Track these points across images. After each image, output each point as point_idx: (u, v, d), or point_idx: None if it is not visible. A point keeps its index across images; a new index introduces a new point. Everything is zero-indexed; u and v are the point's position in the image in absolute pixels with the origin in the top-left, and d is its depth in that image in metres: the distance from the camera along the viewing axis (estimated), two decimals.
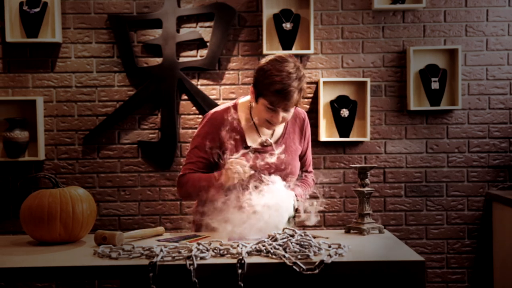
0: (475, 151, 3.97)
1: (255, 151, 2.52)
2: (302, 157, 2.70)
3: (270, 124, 2.48)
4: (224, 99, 3.91)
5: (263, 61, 2.48)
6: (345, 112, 3.87)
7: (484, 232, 3.96)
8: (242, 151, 2.47)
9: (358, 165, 2.40)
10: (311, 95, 3.94)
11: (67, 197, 2.24)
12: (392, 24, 3.94)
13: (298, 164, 2.64)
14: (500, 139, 3.97)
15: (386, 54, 3.95)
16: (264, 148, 2.55)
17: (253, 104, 2.51)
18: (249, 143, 2.54)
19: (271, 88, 2.38)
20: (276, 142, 2.58)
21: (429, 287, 3.97)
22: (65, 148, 3.93)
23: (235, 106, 2.58)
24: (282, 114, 2.44)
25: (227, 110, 2.56)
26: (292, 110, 2.48)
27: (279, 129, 2.61)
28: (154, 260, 1.89)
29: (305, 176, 2.76)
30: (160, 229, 2.42)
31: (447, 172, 3.97)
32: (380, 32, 3.95)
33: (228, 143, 2.49)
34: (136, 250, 2.02)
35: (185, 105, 3.93)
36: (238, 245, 2.01)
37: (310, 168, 2.79)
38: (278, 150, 2.52)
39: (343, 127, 3.89)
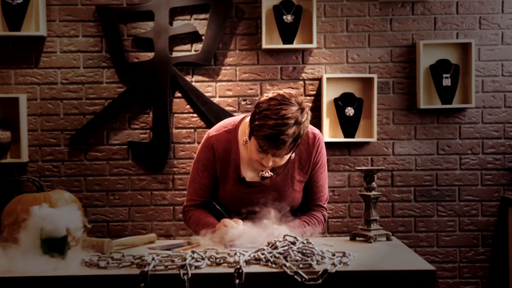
0: (490, 153, 3.97)
1: (249, 184, 2.47)
2: (308, 186, 2.55)
3: (261, 165, 2.38)
4: (220, 96, 3.91)
5: (264, 96, 2.33)
6: (350, 111, 3.88)
7: (500, 239, 3.97)
8: (234, 184, 2.46)
9: (364, 168, 2.40)
10: (313, 93, 3.94)
11: (52, 202, 2.24)
12: (401, 16, 3.95)
13: (299, 196, 2.53)
14: None
15: (394, 49, 3.95)
16: (260, 181, 2.48)
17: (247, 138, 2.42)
18: (244, 173, 2.48)
19: (262, 131, 2.25)
20: (277, 173, 2.48)
21: None
22: (50, 149, 3.93)
23: (235, 129, 2.49)
24: (273, 159, 2.33)
25: (226, 133, 2.49)
26: (286, 157, 2.37)
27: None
28: (146, 269, 1.89)
29: (311, 213, 2.57)
30: (152, 236, 2.43)
31: (460, 175, 3.98)
32: (387, 25, 3.95)
33: (224, 171, 2.47)
34: (126, 258, 2.02)
35: (179, 103, 3.94)
36: (235, 254, 2.01)
37: (323, 202, 2.59)
38: (273, 184, 2.45)
39: (348, 126, 3.90)
